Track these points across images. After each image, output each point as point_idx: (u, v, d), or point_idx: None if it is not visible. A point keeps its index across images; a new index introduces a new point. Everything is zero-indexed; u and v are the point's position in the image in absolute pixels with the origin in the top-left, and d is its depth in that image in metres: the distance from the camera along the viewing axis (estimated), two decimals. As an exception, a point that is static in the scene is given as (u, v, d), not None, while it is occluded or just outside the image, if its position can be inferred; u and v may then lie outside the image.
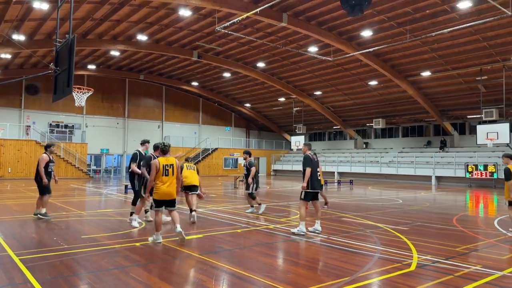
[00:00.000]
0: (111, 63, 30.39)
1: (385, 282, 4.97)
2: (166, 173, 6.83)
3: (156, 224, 6.93)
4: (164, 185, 6.82)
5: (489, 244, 7.37)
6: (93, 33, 22.50)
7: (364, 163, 32.97)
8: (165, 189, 6.83)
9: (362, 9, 10.54)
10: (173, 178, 6.91)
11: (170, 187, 6.87)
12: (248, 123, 45.42)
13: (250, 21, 20.86)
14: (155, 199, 6.89)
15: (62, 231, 8.06)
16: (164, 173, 6.82)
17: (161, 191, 6.82)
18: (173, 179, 6.92)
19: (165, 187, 6.82)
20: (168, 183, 6.85)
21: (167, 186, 6.84)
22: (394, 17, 19.43)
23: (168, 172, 6.85)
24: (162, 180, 6.82)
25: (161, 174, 6.80)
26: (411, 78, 26.14)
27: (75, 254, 6.15)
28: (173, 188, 6.92)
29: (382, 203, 14.47)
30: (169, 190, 6.86)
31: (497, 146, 24.19)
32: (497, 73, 22.94)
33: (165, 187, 6.82)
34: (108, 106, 34.56)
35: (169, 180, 6.86)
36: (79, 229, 8.42)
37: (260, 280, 4.96)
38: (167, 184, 6.84)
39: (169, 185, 6.85)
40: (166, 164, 6.88)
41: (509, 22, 18.25)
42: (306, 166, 8.05)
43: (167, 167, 6.86)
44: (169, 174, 6.85)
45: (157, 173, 6.80)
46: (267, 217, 10.34)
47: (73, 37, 7.49)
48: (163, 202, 6.89)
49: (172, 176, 6.89)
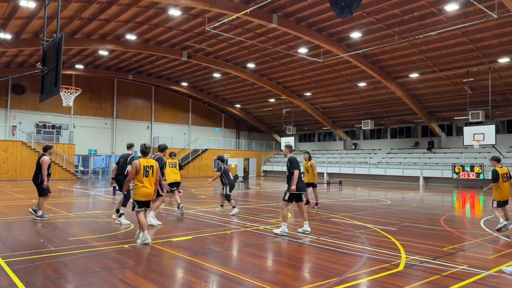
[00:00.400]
0: (99, 63, 30.09)
1: (373, 282, 5.01)
2: (146, 174, 6.95)
3: (142, 225, 6.94)
4: (144, 186, 6.94)
5: (476, 244, 7.47)
6: (81, 32, 22.25)
7: (353, 164, 33.19)
8: (145, 190, 6.95)
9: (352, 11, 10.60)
10: (153, 179, 7.05)
11: (150, 188, 7.02)
12: (238, 124, 45.38)
13: (240, 22, 20.85)
14: (136, 200, 6.95)
15: (49, 233, 7.95)
16: (145, 174, 6.93)
17: (141, 192, 6.92)
18: (153, 180, 7.05)
19: (145, 188, 6.94)
20: (148, 184, 6.98)
21: (147, 187, 6.97)
22: (383, 19, 19.61)
23: (148, 174, 6.97)
24: (142, 181, 6.92)
25: (142, 175, 6.90)
26: (399, 79, 26.42)
27: (62, 256, 6.07)
28: (153, 189, 7.07)
29: (371, 204, 14.58)
30: (149, 191, 7.01)
31: (483, 147, 24.58)
32: (483, 75, 23.32)
33: (145, 188, 6.95)
34: (96, 106, 34.19)
35: (149, 181, 6.99)
36: (67, 231, 8.31)
37: (250, 281, 4.95)
38: (148, 184, 6.97)
39: (149, 186, 6.98)
40: (146, 165, 6.98)
41: (495, 25, 18.58)
42: (293, 168, 8.05)
43: (148, 168, 6.98)
44: (149, 175, 6.98)
45: (137, 173, 6.90)
46: (256, 218, 10.34)
47: (60, 36, 7.39)
48: (144, 202, 7.02)
49: (152, 177, 7.02)
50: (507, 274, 5.29)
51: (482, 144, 23.18)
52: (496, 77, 23.33)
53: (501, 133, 27.41)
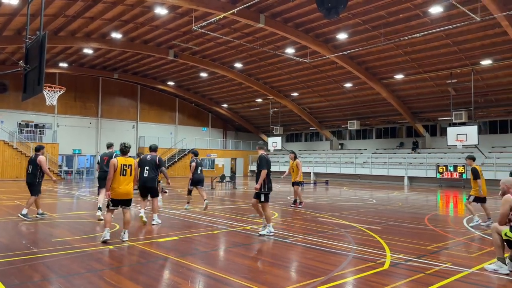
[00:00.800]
0: (84, 61, 29.66)
1: (359, 281, 5.05)
2: (124, 173, 6.93)
3: (105, 221, 6.99)
4: (121, 185, 6.91)
5: (459, 242, 7.61)
6: (65, 30, 21.90)
7: (339, 164, 33.45)
8: (122, 188, 6.92)
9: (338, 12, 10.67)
10: (131, 178, 7.04)
11: (128, 187, 7.00)
12: (225, 123, 45.29)
13: (227, 21, 20.81)
14: (112, 199, 6.97)
15: (32, 235, 7.80)
16: (122, 173, 6.92)
17: (117, 191, 6.90)
18: (131, 179, 7.04)
19: (122, 186, 6.92)
20: (126, 183, 6.96)
21: (124, 186, 6.94)
22: (368, 20, 19.82)
23: (126, 172, 6.96)
24: (119, 179, 6.90)
25: (119, 173, 6.88)
26: (384, 80, 26.73)
27: (45, 258, 5.96)
28: (130, 188, 7.05)
29: (357, 203, 14.72)
30: (126, 190, 6.99)
31: (466, 147, 25.04)
32: (466, 77, 23.76)
33: (122, 186, 6.92)
34: (80, 105, 33.69)
35: (126, 180, 6.98)
36: (50, 232, 8.16)
37: (237, 281, 4.95)
38: (124, 184, 6.94)
39: (126, 185, 6.96)
40: (124, 164, 6.97)
41: (478, 28, 18.95)
42: (262, 167, 7.93)
43: (125, 167, 6.96)
44: (127, 174, 6.96)
45: (115, 172, 6.87)
46: (243, 218, 10.33)
47: (44, 33, 7.25)
48: (119, 201, 6.99)
49: (130, 176, 7.01)
50: (489, 272, 5.40)
51: (465, 144, 23.61)
52: (479, 78, 23.81)
53: (483, 133, 28.00)
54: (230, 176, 23.55)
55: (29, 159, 9.96)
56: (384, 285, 4.86)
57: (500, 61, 21.57)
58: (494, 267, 5.44)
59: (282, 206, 13.30)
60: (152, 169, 9.18)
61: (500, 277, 5.22)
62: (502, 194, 5.52)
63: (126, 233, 7.10)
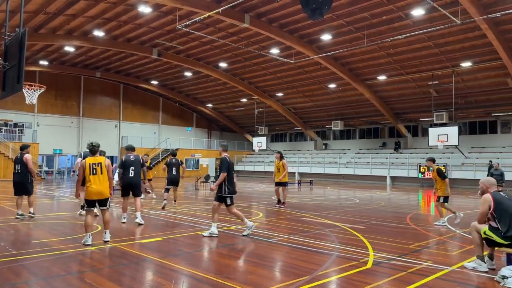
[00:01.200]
0: (65, 59, 29.11)
1: (343, 280, 5.09)
2: (93, 172, 6.79)
3: (85, 225, 6.80)
4: (93, 184, 6.77)
5: (440, 241, 7.75)
6: (46, 27, 21.45)
7: (324, 164, 33.70)
8: (94, 187, 6.77)
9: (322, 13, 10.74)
10: (103, 177, 6.86)
11: (100, 186, 6.81)
12: (210, 123, 45.10)
13: (212, 21, 20.73)
14: (85, 199, 6.87)
15: (11, 236, 7.61)
16: (92, 172, 6.78)
17: (90, 190, 6.78)
18: (103, 178, 6.86)
19: (94, 186, 6.77)
20: (97, 182, 6.79)
21: (96, 185, 6.78)
22: (352, 22, 20.02)
23: (96, 171, 6.80)
24: (89, 179, 6.77)
25: (88, 173, 6.76)
26: (368, 81, 27.05)
27: (25, 260, 5.82)
28: (103, 187, 6.85)
29: (340, 203, 14.85)
30: (99, 189, 6.81)
31: (447, 147, 25.55)
32: (447, 79, 24.24)
33: (94, 186, 6.77)
34: (61, 104, 33.05)
35: (97, 179, 6.80)
36: (29, 233, 7.98)
37: (221, 282, 4.92)
38: (96, 182, 6.79)
39: (98, 184, 6.79)
40: (93, 163, 6.83)
41: (458, 30, 19.36)
42: (222, 170, 7.79)
43: (95, 166, 6.82)
44: (97, 173, 6.80)
45: (84, 172, 6.78)
46: (227, 219, 10.30)
47: (24, 30, 7.09)
48: (94, 201, 6.85)
49: (101, 174, 6.83)
50: (469, 270, 5.51)
51: (446, 144, 24.09)
52: (459, 80, 24.33)
53: (463, 134, 28.63)
54: (215, 176, 23.47)
55: (15, 158, 9.90)
56: (367, 283, 4.91)
57: (480, 63, 22.10)
58: (473, 265, 5.56)
59: (266, 206, 13.32)
60: (137, 168, 9.28)
61: (479, 275, 5.33)
62: (481, 194, 5.64)
63: (107, 233, 6.99)
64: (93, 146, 7.03)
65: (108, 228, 7.02)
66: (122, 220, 9.14)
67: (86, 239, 6.76)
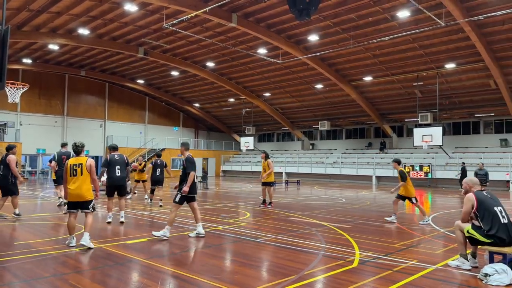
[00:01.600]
0: (49, 58, 28.62)
1: (329, 279, 5.12)
2: (74, 173, 6.54)
3: (68, 227, 6.65)
4: (71, 186, 6.53)
5: (424, 240, 7.86)
6: (29, 24, 21.06)
7: (310, 164, 33.88)
8: (73, 190, 6.52)
9: (309, 13, 10.80)
10: (83, 178, 6.57)
11: (79, 189, 6.53)
12: (197, 123, 44.89)
13: (199, 20, 20.63)
14: (67, 201, 6.71)
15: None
16: (72, 173, 6.55)
17: (68, 192, 6.57)
18: (83, 180, 6.57)
19: (72, 188, 6.53)
20: (77, 183, 6.53)
21: (75, 187, 6.52)
22: (339, 23, 20.17)
23: (76, 172, 6.54)
24: (70, 181, 6.56)
25: (68, 174, 6.57)
26: (354, 82, 27.29)
27: (7, 262, 5.69)
28: (83, 190, 6.56)
29: (327, 202, 14.94)
30: (77, 192, 6.53)
31: (431, 148, 25.96)
32: (431, 80, 24.63)
33: (73, 188, 6.52)
34: (45, 103, 32.49)
35: (77, 181, 6.54)
36: (12, 234, 7.82)
37: (208, 282, 4.90)
38: (75, 184, 6.53)
39: (77, 185, 6.52)
40: (74, 163, 6.60)
41: (443, 32, 19.68)
42: (189, 169, 7.56)
43: (75, 166, 6.56)
44: (77, 174, 6.54)
45: (65, 174, 6.65)
46: (214, 219, 10.27)
47: (6, 28, 6.93)
48: (74, 203, 6.59)
49: (81, 176, 6.56)
50: (452, 268, 5.60)
51: (431, 145, 24.47)
52: (443, 81, 24.74)
53: (447, 134, 29.13)
54: (202, 176, 23.37)
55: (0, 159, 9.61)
56: (353, 282, 4.95)
57: (463, 65, 22.51)
58: (457, 263, 5.65)
59: (254, 206, 13.32)
60: (122, 168, 9.24)
61: (462, 273, 5.43)
62: (464, 193, 5.74)
63: (86, 236, 6.60)
64: (77, 146, 6.81)
65: (87, 231, 6.57)
66: (108, 220, 9.03)
67: (70, 240, 6.65)
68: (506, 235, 5.20)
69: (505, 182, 22.85)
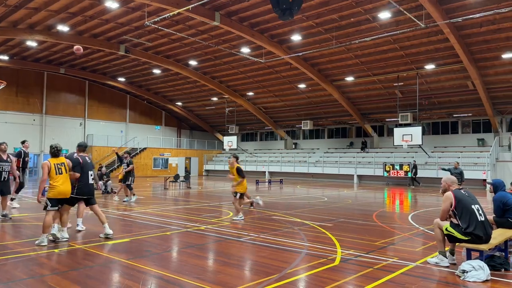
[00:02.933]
0: (27, 54, 27.92)
1: (311, 277, 5.16)
2: (59, 171, 6.84)
3: (45, 225, 6.67)
4: (59, 184, 6.82)
5: (404, 238, 8.00)
6: (6, 20, 20.50)
7: (293, 163, 34.06)
8: (60, 188, 6.83)
9: (292, 13, 10.86)
10: (67, 176, 6.97)
11: (66, 186, 6.95)
12: (180, 122, 44.54)
13: (182, 18, 20.47)
14: (50, 198, 6.76)
15: (-34, 239, 7.21)
16: (58, 171, 6.82)
17: (56, 190, 6.78)
18: (67, 177, 6.98)
19: (60, 185, 6.82)
20: (62, 181, 6.89)
21: (62, 184, 6.84)
22: (322, 23, 20.33)
23: (62, 171, 6.90)
24: (56, 178, 6.80)
25: (54, 173, 6.79)
26: (336, 82, 27.56)
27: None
28: (69, 187, 6.99)
29: (309, 201, 15.05)
30: (67, 188, 6.96)
31: (411, 147, 26.44)
32: (411, 80, 25.09)
33: (60, 185, 6.82)
34: (23, 101, 31.67)
35: (63, 178, 6.92)
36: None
37: (190, 282, 4.87)
38: (61, 182, 6.84)
39: (63, 183, 6.89)
40: (57, 163, 6.89)
41: (423, 34, 20.06)
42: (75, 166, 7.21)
43: (59, 165, 6.91)
44: (63, 172, 6.92)
45: (50, 172, 6.78)
46: (197, 218, 10.22)
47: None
48: (59, 200, 6.90)
49: (65, 173, 6.97)
50: (431, 265, 5.73)
51: (410, 144, 24.92)
52: (423, 82, 25.23)
53: (427, 134, 29.73)
54: (185, 176, 23.20)
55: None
56: (335, 280, 5.00)
57: (442, 66, 23.00)
58: (436, 260, 5.77)
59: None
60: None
61: (441, 270, 5.55)
62: (443, 192, 5.86)
63: (65, 232, 7.08)
64: (57, 149, 7.01)
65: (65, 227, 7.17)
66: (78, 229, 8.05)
67: (42, 239, 6.63)
68: (483, 232, 5.34)
69: (481, 181, 23.46)
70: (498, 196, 6.35)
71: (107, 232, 7.31)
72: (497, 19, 18.11)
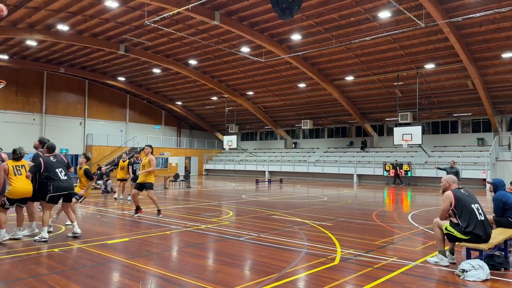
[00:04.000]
0: (26, 54, 27.89)
1: (311, 276, 5.16)
2: (18, 172, 7.10)
3: (1, 222, 6.89)
4: (20, 184, 7.02)
5: (404, 237, 8.01)
6: (6, 20, 20.45)
7: (293, 163, 34.05)
8: (23, 187, 7.05)
9: (292, 13, 10.85)
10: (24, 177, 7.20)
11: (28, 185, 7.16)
12: (180, 121, 44.52)
13: (181, 17, 20.45)
14: (9, 198, 6.99)
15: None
16: (16, 173, 7.08)
17: (15, 190, 6.96)
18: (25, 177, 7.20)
19: (21, 185, 7.03)
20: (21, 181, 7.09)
21: (21, 185, 7.05)
22: (321, 22, 20.31)
23: (21, 172, 7.15)
24: (15, 179, 7.02)
25: (13, 174, 7.03)
26: (336, 82, 27.55)
27: (-18, 263, 5.53)
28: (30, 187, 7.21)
29: (309, 201, 15.06)
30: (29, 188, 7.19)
31: (411, 146, 26.43)
32: (411, 80, 25.07)
33: (21, 184, 7.04)
34: (23, 100, 31.64)
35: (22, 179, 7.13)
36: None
37: (190, 281, 4.88)
38: (22, 182, 7.08)
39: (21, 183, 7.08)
40: (16, 165, 7.16)
41: (422, 33, 20.05)
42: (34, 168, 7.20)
43: (18, 167, 7.15)
44: (22, 174, 7.16)
45: (8, 174, 7.00)
46: (197, 218, 10.21)
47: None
48: (17, 200, 7.09)
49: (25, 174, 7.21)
50: (431, 264, 5.73)
51: (410, 143, 24.91)
52: (423, 81, 25.22)
53: (426, 133, 29.70)
54: (184, 175, 23.20)
55: None
56: (335, 280, 5.00)
57: (442, 65, 22.99)
58: (435, 259, 5.77)
59: (236, 205, 13.30)
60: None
61: (441, 269, 5.55)
62: (443, 191, 5.86)
63: (21, 230, 7.31)
64: (21, 156, 7.28)
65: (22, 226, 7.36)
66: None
67: (3, 234, 6.85)
68: (483, 232, 5.34)
69: (481, 180, 23.46)
70: (498, 195, 6.36)
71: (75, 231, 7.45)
72: (497, 19, 18.10)
